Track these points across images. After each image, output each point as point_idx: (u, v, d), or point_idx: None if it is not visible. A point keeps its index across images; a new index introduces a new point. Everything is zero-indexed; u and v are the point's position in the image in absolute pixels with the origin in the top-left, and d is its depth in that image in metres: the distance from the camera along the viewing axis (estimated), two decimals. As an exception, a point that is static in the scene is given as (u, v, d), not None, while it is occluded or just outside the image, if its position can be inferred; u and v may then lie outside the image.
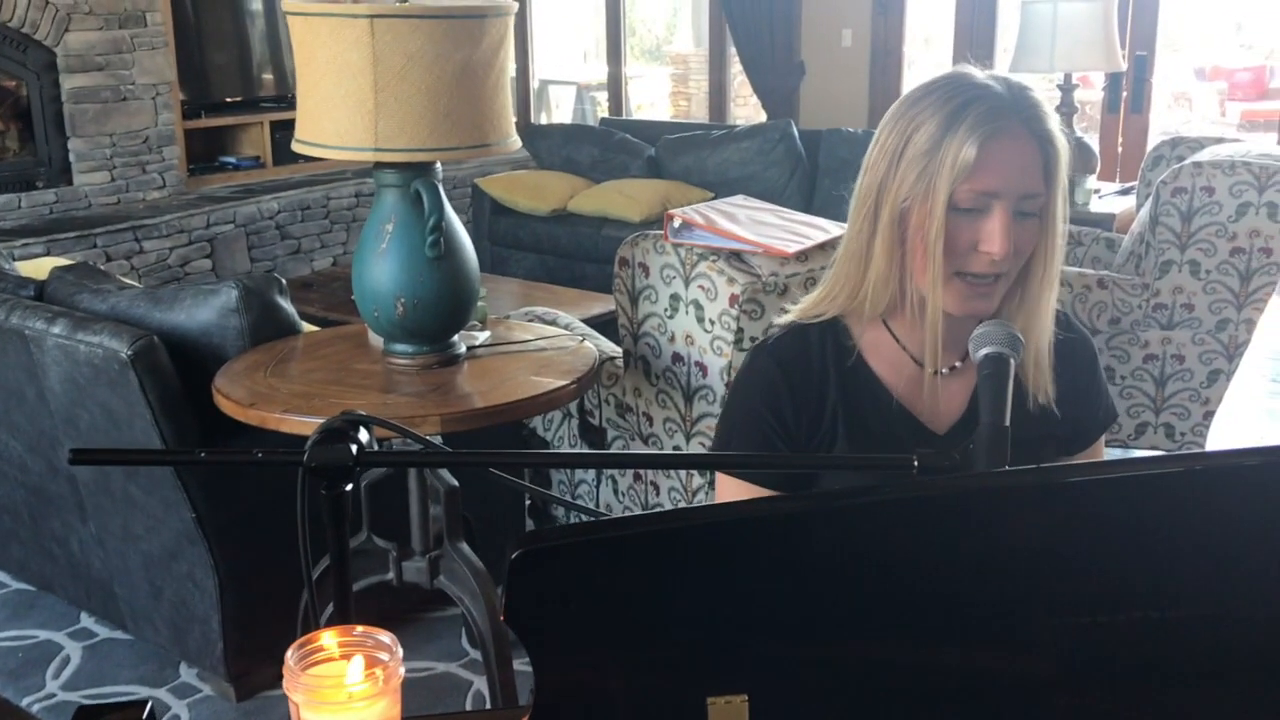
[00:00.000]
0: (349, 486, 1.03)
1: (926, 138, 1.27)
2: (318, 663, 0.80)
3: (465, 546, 2.25)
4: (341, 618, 1.06)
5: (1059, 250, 1.33)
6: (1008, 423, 1.10)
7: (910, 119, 1.29)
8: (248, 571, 2.44)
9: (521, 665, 2.26)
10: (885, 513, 0.81)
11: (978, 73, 1.31)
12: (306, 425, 1.95)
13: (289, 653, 0.79)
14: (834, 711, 0.75)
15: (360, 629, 0.82)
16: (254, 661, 2.51)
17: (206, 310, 2.39)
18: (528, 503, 2.91)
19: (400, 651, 0.80)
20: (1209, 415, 3.29)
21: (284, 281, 2.49)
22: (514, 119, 2.24)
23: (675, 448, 2.54)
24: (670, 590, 0.70)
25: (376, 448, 1.07)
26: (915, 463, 1.00)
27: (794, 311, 1.43)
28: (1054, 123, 1.29)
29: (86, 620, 2.82)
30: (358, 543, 2.38)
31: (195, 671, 2.60)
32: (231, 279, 2.44)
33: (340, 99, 2.08)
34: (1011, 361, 1.17)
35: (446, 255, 2.18)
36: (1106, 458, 1.68)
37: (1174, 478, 0.86)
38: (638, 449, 2.66)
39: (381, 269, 2.18)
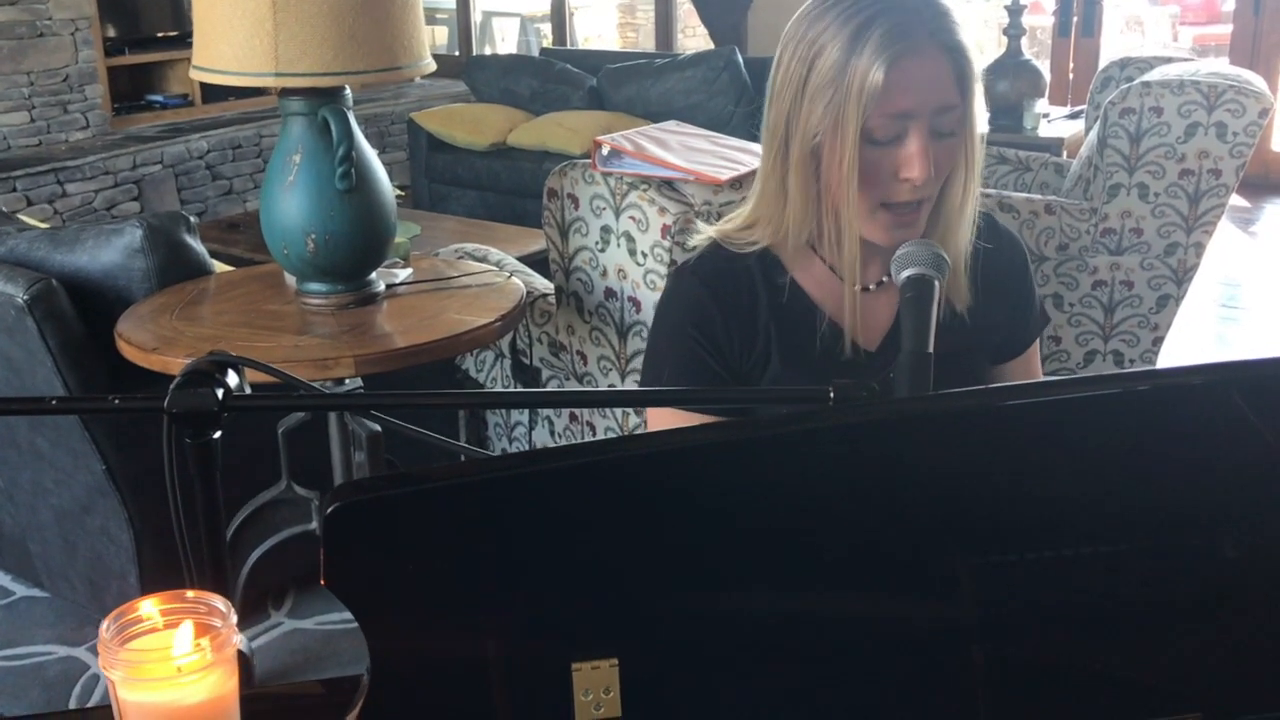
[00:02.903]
0: (216, 434, 0.94)
1: (830, 64, 1.18)
2: (139, 634, 0.70)
3: (389, 493, 2.16)
4: (216, 583, 0.98)
5: (979, 161, 1.27)
6: (931, 349, 1.03)
7: (811, 42, 1.20)
8: (164, 524, 2.32)
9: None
10: (784, 447, 0.73)
11: None
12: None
13: (104, 624, 0.69)
14: (723, 673, 0.66)
15: (192, 593, 0.72)
16: (175, 617, 2.41)
17: (110, 251, 2.26)
18: (462, 457, 2.82)
19: (234, 618, 0.71)
20: (1158, 341, 3.23)
21: (192, 219, 2.35)
22: (426, 40, 2.11)
23: (610, 387, 2.45)
24: (520, 544, 0.60)
25: (249, 390, 0.99)
26: (831, 393, 0.93)
27: (712, 230, 1.35)
28: (963, 32, 1.21)
29: (3, 578, 2.70)
30: (277, 492, 2.28)
31: (116, 628, 2.50)
32: (136, 218, 2.30)
33: (238, 20, 1.94)
34: (936, 284, 1.10)
35: (358, 188, 2.06)
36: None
37: (1110, 399, 0.78)
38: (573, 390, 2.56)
39: (289, 203, 2.06)
